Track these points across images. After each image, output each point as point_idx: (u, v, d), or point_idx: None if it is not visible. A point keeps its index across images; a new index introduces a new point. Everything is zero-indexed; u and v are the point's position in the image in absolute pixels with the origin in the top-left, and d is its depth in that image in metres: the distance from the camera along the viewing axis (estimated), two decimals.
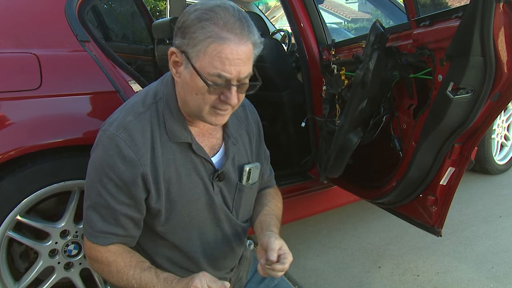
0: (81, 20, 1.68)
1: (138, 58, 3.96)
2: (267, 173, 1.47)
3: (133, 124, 1.11)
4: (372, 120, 1.96)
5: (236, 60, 1.02)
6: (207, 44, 1.00)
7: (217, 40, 1.00)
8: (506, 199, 3.19)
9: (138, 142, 1.10)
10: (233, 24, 1.01)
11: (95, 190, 1.12)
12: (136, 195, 1.12)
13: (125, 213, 1.14)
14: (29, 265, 1.69)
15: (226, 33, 1.00)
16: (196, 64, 1.03)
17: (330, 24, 5.97)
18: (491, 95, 1.45)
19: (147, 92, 1.20)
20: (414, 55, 1.71)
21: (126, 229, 1.16)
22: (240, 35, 1.02)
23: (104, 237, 1.15)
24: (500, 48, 1.36)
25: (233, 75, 1.03)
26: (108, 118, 1.17)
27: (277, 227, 1.27)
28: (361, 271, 2.31)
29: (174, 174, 1.16)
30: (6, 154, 1.44)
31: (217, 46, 1.00)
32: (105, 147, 1.10)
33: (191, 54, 1.03)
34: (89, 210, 1.15)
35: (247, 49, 1.04)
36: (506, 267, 2.28)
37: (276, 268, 1.09)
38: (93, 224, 1.14)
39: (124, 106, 1.18)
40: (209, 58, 1.01)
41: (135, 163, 1.09)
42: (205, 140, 1.22)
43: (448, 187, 1.73)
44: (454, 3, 2.35)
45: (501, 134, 3.62)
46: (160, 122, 1.14)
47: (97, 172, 1.11)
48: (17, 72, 1.50)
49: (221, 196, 1.26)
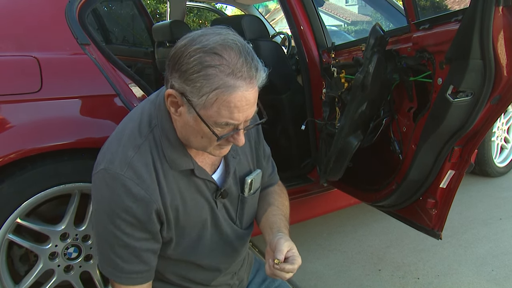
0: (82, 23, 1.68)
1: (138, 60, 3.97)
2: (269, 170, 1.43)
3: (136, 159, 1.05)
4: (372, 123, 1.96)
5: (244, 107, 0.97)
6: (214, 95, 0.93)
7: (225, 90, 0.93)
8: (506, 202, 3.18)
9: (145, 178, 1.05)
10: (240, 68, 0.93)
11: (109, 233, 1.07)
12: (152, 229, 1.09)
13: (146, 248, 1.11)
14: (29, 268, 1.68)
15: (235, 80, 0.93)
16: (201, 112, 0.97)
17: (330, 26, 5.97)
18: (490, 98, 1.45)
19: (140, 118, 1.12)
20: (413, 58, 1.71)
21: (148, 262, 1.13)
22: (249, 79, 0.95)
23: (129, 277, 1.12)
24: (499, 51, 1.36)
25: (240, 121, 0.99)
26: (103, 154, 1.10)
27: (286, 228, 1.23)
28: (361, 274, 2.31)
29: (180, 201, 1.13)
30: (7, 157, 1.44)
31: (226, 97, 0.94)
32: (112, 187, 1.04)
33: (195, 102, 0.96)
34: (107, 252, 1.10)
35: (254, 92, 0.98)
36: (506, 270, 2.28)
37: (285, 268, 1.05)
38: (115, 266, 1.10)
39: (120, 138, 1.10)
40: (216, 108, 0.95)
41: (147, 200, 1.05)
42: (205, 159, 1.18)
43: (448, 190, 1.73)
44: (454, 5, 2.36)
45: (501, 137, 3.62)
46: (159, 151, 1.08)
47: (108, 214, 1.06)
48: (17, 75, 1.51)
49: (225, 210, 1.25)
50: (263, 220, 1.29)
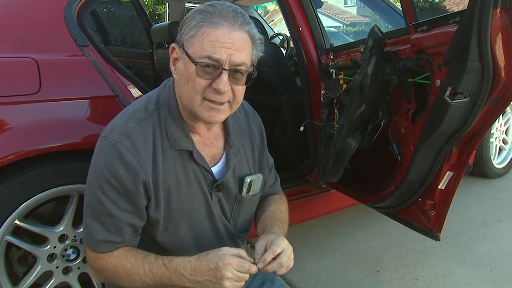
0: (80, 25, 1.68)
1: (137, 62, 3.97)
2: (271, 181, 1.46)
3: (136, 131, 1.10)
4: (370, 125, 1.97)
5: (227, 43, 1.02)
6: (199, 28, 1.03)
7: (208, 24, 1.02)
8: (504, 203, 3.19)
9: (140, 149, 1.09)
10: (227, 13, 1.03)
11: (95, 198, 1.10)
12: (137, 202, 1.11)
13: (127, 221, 1.12)
14: (27, 269, 1.68)
15: (219, 19, 1.02)
16: (189, 51, 1.04)
17: (329, 28, 5.99)
18: (488, 100, 1.45)
19: (149, 97, 1.18)
20: (412, 60, 1.72)
21: (126, 236, 1.14)
22: (233, 22, 1.03)
23: (104, 245, 1.13)
24: (497, 53, 1.37)
25: (223, 57, 1.02)
26: (109, 124, 1.15)
27: (277, 226, 1.24)
28: (360, 275, 2.31)
29: (174, 182, 1.15)
30: (5, 158, 1.44)
31: (207, 29, 1.02)
32: (107, 153, 1.08)
33: (185, 42, 1.05)
34: (90, 219, 1.13)
35: (240, 36, 1.04)
36: (504, 271, 2.28)
37: (265, 258, 1.05)
38: (93, 233, 1.12)
39: (125, 112, 1.16)
40: (200, 41, 1.02)
41: (138, 170, 1.08)
42: (206, 149, 1.21)
43: (446, 192, 1.73)
44: (453, 7, 2.36)
45: (499, 138, 3.63)
46: (162, 129, 1.13)
47: (98, 179, 1.09)
48: (16, 77, 1.51)
49: (219, 206, 1.25)
50: (259, 226, 1.32)
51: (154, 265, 1.09)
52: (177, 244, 1.21)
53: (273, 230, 1.22)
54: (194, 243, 1.24)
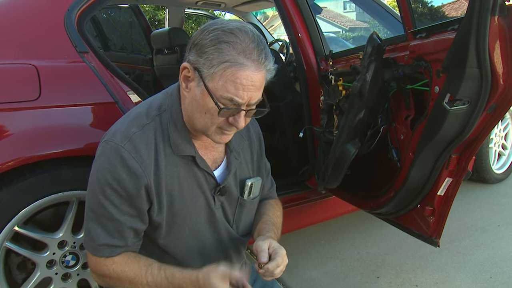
0: (80, 31, 1.69)
1: (137, 67, 3.98)
2: (268, 185, 1.48)
3: (138, 135, 1.11)
4: (369, 131, 1.97)
5: (249, 87, 1.02)
6: (223, 67, 1.00)
7: (234, 65, 1.00)
8: (504, 208, 3.19)
9: (142, 153, 1.10)
10: (251, 50, 1.01)
11: (97, 202, 1.11)
12: (139, 206, 1.12)
13: (129, 225, 1.13)
14: (26, 276, 1.68)
15: (244, 59, 1.00)
16: (209, 84, 1.03)
17: (328, 33, 6.00)
18: (487, 107, 1.46)
19: (151, 103, 1.19)
20: (411, 67, 1.72)
21: (128, 240, 1.15)
22: (257, 62, 1.02)
23: (107, 249, 1.14)
24: (495, 60, 1.38)
25: (244, 100, 1.03)
26: (110, 128, 1.16)
27: (273, 232, 1.27)
28: (360, 281, 2.31)
29: (177, 187, 1.16)
30: (5, 164, 1.44)
31: (233, 71, 1.00)
32: (109, 157, 1.09)
33: (205, 74, 1.03)
34: (91, 223, 1.14)
35: (261, 76, 1.04)
36: (504, 277, 2.28)
37: (269, 268, 1.08)
38: (95, 237, 1.13)
39: (127, 117, 1.17)
40: (223, 81, 1.01)
41: (139, 174, 1.09)
42: (208, 153, 1.22)
43: (445, 198, 1.73)
44: (452, 12, 2.37)
45: (499, 143, 3.63)
46: (164, 134, 1.14)
47: (100, 183, 1.10)
48: (16, 83, 1.51)
49: (222, 210, 1.27)
50: (255, 230, 1.33)
51: (157, 277, 1.11)
52: (178, 247, 1.22)
53: (269, 235, 1.23)
54: (196, 247, 1.25)
